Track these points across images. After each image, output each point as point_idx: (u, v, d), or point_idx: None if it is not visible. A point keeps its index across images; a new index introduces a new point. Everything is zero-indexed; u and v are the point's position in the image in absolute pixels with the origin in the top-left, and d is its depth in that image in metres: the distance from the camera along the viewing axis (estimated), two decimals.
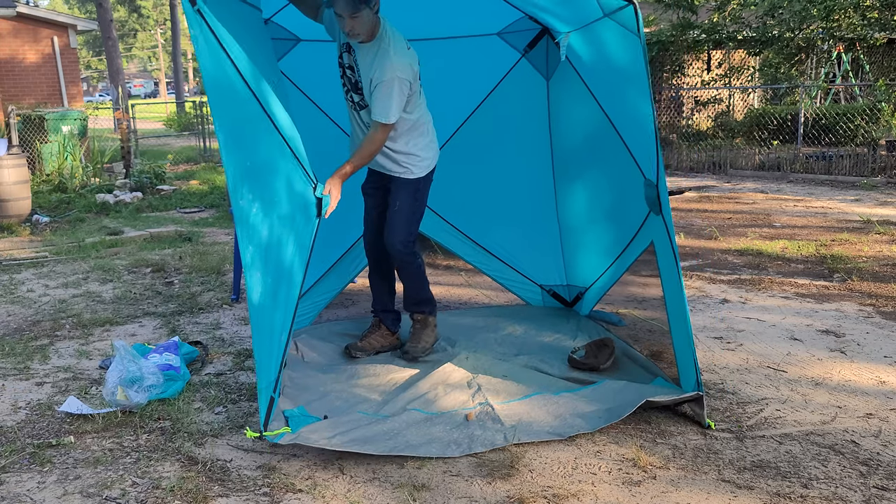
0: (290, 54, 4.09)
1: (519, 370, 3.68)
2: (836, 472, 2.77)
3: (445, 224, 4.73)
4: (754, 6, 13.37)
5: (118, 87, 15.01)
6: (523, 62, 4.39)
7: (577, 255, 4.58)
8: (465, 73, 4.36)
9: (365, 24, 3.36)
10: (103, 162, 12.78)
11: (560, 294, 4.75)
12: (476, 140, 4.56)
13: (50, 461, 2.96)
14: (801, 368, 3.79)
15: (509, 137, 4.56)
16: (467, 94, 4.48)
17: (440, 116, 4.39)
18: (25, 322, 4.84)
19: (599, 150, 4.07)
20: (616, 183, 3.95)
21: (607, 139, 3.81)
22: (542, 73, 4.42)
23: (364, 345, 3.97)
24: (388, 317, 4.05)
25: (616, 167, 3.81)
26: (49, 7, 44.95)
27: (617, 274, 4.21)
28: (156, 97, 57.17)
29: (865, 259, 5.98)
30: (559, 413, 3.19)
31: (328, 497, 2.66)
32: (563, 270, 4.72)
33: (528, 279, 4.81)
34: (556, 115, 4.48)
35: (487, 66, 4.40)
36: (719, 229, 7.38)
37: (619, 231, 4.03)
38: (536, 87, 4.45)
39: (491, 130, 4.52)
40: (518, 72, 4.41)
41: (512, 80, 4.44)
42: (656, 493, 2.67)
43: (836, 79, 14.48)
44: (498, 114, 4.48)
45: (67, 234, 7.95)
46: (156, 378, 3.48)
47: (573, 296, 4.67)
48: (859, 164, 10.99)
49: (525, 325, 4.39)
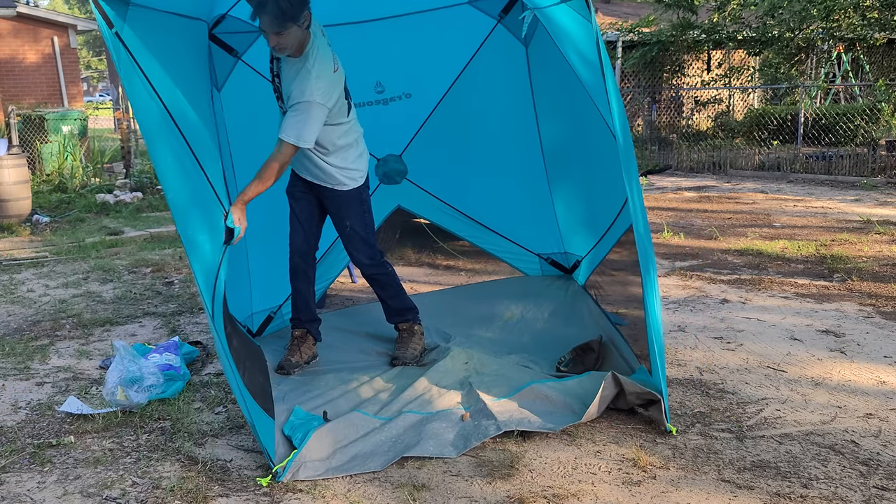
0: (253, 47, 3.97)
1: (510, 367, 3.69)
2: (836, 472, 2.77)
3: (438, 202, 4.68)
4: (754, 6, 13.37)
5: (118, 87, 14.99)
6: (499, 29, 4.26)
7: (572, 229, 4.55)
8: (439, 47, 4.24)
9: (292, 40, 3.23)
10: (103, 162, 12.78)
11: (559, 262, 4.73)
12: (459, 114, 4.45)
13: (50, 461, 2.96)
14: (801, 368, 3.79)
15: (492, 108, 4.43)
16: (444, 68, 4.37)
17: (419, 94, 4.31)
18: (25, 322, 4.84)
19: (583, 120, 3.95)
20: (598, 157, 3.86)
21: (587, 108, 3.67)
22: (519, 38, 4.29)
23: (297, 359, 3.80)
24: (315, 326, 3.93)
25: (599, 140, 3.69)
26: (49, 7, 44.92)
27: (607, 246, 4.16)
28: None
29: (865, 259, 5.98)
30: (550, 408, 3.21)
31: (328, 497, 2.66)
32: (559, 238, 4.68)
33: (526, 249, 4.78)
34: (538, 82, 4.37)
35: (462, 37, 4.27)
36: (719, 229, 7.38)
37: (606, 206, 3.97)
38: (515, 54, 4.33)
39: (473, 103, 4.41)
40: (494, 39, 4.28)
41: (489, 48, 4.31)
42: (656, 493, 2.67)
43: (836, 79, 14.48)
44: (478, 85, 4.37)
45: (67, 234, 7.95)
46: (156, 378, 3.48)
47: (571, 263, 4.64)
48: (859, 164, 10.99)
49: (522, 304, 4.37)
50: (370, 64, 4.17)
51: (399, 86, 4.29)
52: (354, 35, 4.05)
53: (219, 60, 3.88)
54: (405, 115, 4.46)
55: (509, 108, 4.48)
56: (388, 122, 4.38)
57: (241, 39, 3.93)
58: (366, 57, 4.11)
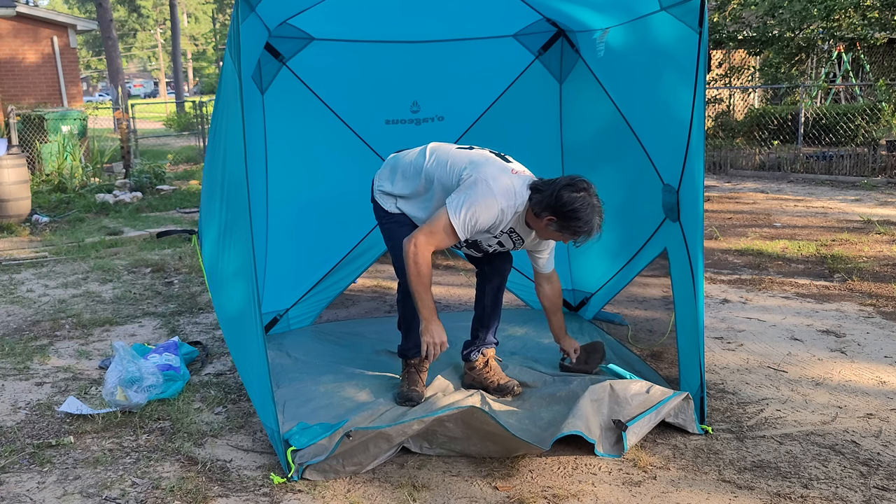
0: (301, 53, 4.06)
1: (515, 370, 3.66)
2: (837, 473, 2.77)
3: None
4: (754, 6, 13.37)
5: (118, 87, 15.02)
6: (536, 64, 4.38)
7: (584, 259, 4.56)
8: (477, 75, 4.36)
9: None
10: (103, 162, 12.79)
11: (565, 299, 4.75)
12: (486, 142, 4.53)
13: (50, 461, 2.96)
14: (802, 368, 3.79)
15: (519, 140, 4.53)
16: (478, 96, 4.47)
17: (451, 118, 4.40)
18: (25, 322, 4.83)
19: (612, 153, 4.05)
20: (629, 187, 3.93)
21: (621, 142, 3.79)
22: (555, 75, 4.42)
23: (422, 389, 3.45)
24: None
25: (630, 171, 3.78)
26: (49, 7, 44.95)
27: (625, 279, 4.19)
28: (155, 97, 57.18)
29: (866, 259, 5.98)
30: (552, 417, 3.13)
31: (328, 497, 2.66)
32: (568, 275, 4.71)
33: (532, 281, 4.80)
34: (568, 119, 4.47)
35: (500, 68, 4.39)
36: (720, 229, 7.37)
37: (630, 236, 4.00)
38: (549, 90, 4.45)
39: (501, 132, 4.50)
40: (531, 74, 4.41)
41: (524, 82, 4.43)
42: (656, 493, 2.66)
43: (836, 79, 14.48)
44: (509, 116, 4.47)
45: (67, 234, 7.94)
46: (155, 378, 3.47)
47: (578, 301, 4.65)
48: (860, 164, 10.99)
49: (526, 327, 4.37)
50: (411, 83, 4.28)
51: (433, 108, 4.38)
52: (401, 53, 4.16)
53: (265, 64, 3.98)
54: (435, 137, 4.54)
55: (536, 142, 4.56)
56: (419, 142, 4.46)
57: (289, 45, 4.01)
58: (408, 76, 4.23)
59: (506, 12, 4.01)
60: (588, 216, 2.95)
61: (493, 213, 3.03)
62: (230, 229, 3.15)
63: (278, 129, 4.11)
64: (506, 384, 3.42)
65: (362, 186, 3.85)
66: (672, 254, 3.45)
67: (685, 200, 3.25)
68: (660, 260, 3.80)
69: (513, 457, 2.91)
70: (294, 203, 4.22)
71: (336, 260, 4.48)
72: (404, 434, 2.83)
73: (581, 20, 3.90)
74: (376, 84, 4.22)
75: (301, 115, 4.12)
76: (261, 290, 4.19)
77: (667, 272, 3.55)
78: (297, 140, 4.15)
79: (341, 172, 4.24)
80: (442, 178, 3.17)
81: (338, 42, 4.05)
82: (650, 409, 3.02)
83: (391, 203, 3.34)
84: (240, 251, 2.99)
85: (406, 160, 3.33)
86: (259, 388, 2.94)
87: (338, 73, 4.15)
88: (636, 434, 2.98)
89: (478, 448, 2.91)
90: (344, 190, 4.18)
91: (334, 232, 4.38)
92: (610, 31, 3.66)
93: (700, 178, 3.09)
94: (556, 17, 4.09)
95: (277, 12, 3.55)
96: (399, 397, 3.32)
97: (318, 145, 4.23)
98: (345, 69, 4.16)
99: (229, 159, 3.07)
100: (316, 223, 4.28)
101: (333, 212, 4.28)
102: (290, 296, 4.38)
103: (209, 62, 58.92)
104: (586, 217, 2.95)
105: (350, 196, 4.06)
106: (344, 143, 4.28)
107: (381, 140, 4.27)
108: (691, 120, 3.05)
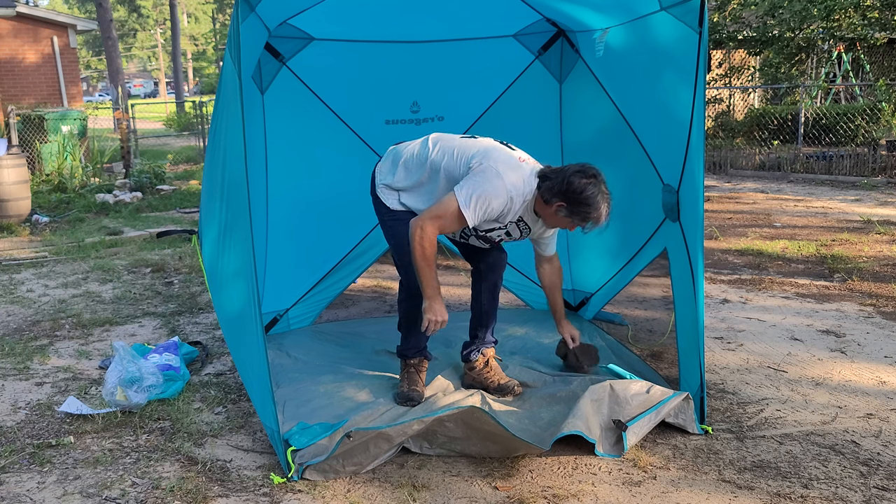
0: (301, 53, 4.07)
1: (515, 370, 3.66)
2: (837, 473, 2.77)
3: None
4: (754, 6, 13.37)
5: (118, 87, 15.02)
6: (536, 64, 4.39)
7: (584, 259, 4.56)
8: (477, 75, 4.36)
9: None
10: (103, 162, 12.79)
11: (565, 299, 4.74)
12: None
13: (50, 461, 2.96)
14: (802, 368, 3.79)
15: (519, 140, 4.52)
16: (478, 96, 4.48)
17: (450, 118, 4.41)
18: (25, 322, 4.83)
19: (612, 153, 4.05)
20: (629, 187, 3.93)
21: (621, 142, 3.79)
22: (555, 76, 4.42)
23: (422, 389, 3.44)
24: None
25: (630, 171, 3.78)
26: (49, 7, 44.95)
27: (625, 279, 4.19)
28: (155, 97, 57.19)
29: (866, 259, 5.98)
30: (552, 417, 3.14)
31: (328, 497, 2.66)
32: (568, 275, 4.71)
33: (533, 282, 4.81)
34: (568, 119, 4.47)
35: (501, 67, 4.40)
36: (720, 229, 7.37)
37: (630, 236, 4.00)
38: (549, 90, 4.45)
39: (501, 132, 4.48)
40: (531, 74, 4.41)
41: (524, 82, 4.43)
42: (656, 493, 2.66)
43: (836, 79, 14.48)
44: (509, 116, 4.47)
45: (67, 234, 7.94)
46: (155, 378, 3.47)
47: (578, 301, 4.65)
48: (860, 164, 10.99)
49: (526, 327, 4.37)
50: (411, 83, 4.28)
51: (433, 108, 4.38)
52: (401, 54, 4.16)
53: (265, 64, 3.98)
54: None
55: (536, 142, 4.54)
56: None
57: (289, 45, 4.02)
58: (408, 76, 4.24)
59: (506, 12, 4.01)
60: (598, 202, 2.98)
61: (503, 200, 3.04)
62: (230, 229, 3.15)
63: (278, 129, 4.11)
64: (506, 384, 3.42)
65: (362, 186, 3.85)
66: (672, 254, 3.45)
67: (685, 200, 3.25)
68: (660, 260, 3.80)
69: (513, 457, 2.91)
70: (294, 203, 4.23)
71: (336, 260, 4.49)
72: (404, 434, 2.83)
73: (581, 20, 3.89)
74: (376, 84, 4.23)
75: (301, 116, 4.13)
76: (261, 290, 4.19)
77: (667, 272, 3.55)
78: (297, 140, 4.16)
79: (341, 172, 4.24)
80: (448, 166, 3.16)
81: (338, 42, 4.05)
82: (650, 409, 3.02)
83: (394, 199, 3.33)
84: (240, 251, 2.99)
85: (408, 151, 3.32)
86: (259, 388, 2.94)
87: (338, 73, 4.16)
88: (636, 434, 2.98)
89: (478, 448, 2.91)
90: (344, 190, 4.18)
91: (334, 232, 4.38)
92: (610, 31, 3.67)
93: (700, 178, 3.09)
94: (556, 17, 4.09)
95: (277, 12, 3.55)
96: (399, 397, 3.32)
97: (318, 145, 4.24)
98: (345, 69, 4.16)
99: (229, 159, 3.07)
100: (316, 223, 4.29)
101: (333, 212, 4.29)
102: (290, 296, 4.38)
103: (209, 62, 58.93)
104: (596, 203, 2.98)
105: (350, 196, 4.07)
106: (344, 143, 4.28)
107: (381, 140, 4.27)
108: (691, 120, 3.04)
